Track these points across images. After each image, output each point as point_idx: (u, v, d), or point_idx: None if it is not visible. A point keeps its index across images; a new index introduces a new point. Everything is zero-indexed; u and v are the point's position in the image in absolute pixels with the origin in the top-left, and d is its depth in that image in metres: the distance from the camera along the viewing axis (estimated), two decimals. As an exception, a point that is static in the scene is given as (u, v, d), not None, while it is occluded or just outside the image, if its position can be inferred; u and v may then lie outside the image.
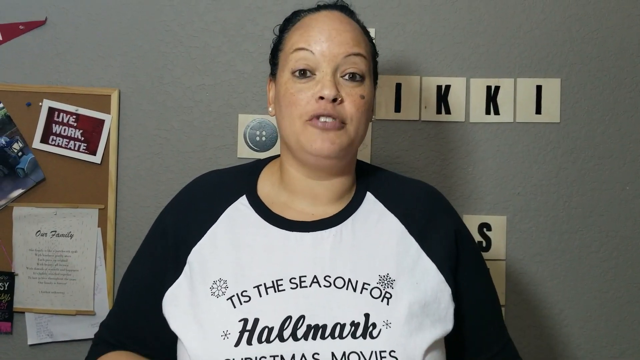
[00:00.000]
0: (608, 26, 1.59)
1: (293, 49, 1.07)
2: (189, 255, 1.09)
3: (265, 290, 1.03)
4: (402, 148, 1.61)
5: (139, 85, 1.60)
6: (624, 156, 1.60)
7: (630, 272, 1.61)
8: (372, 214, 1.11)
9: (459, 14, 1.60)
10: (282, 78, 1.09)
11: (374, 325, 1.00)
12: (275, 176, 1.15)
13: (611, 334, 1.61)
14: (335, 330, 0.99)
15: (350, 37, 1.07)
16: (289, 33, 1.12)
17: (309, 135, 1.05)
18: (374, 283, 1.04)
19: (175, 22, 1.60)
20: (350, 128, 1.06)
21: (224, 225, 1.10)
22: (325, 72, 1.05)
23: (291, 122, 1.06)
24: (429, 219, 1.12)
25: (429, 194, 1.18)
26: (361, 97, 1.07)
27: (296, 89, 1.06)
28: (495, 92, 1.60)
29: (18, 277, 1.60)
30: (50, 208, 1.60)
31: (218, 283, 1.05)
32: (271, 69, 1.16)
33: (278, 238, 1.07)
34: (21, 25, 1.59)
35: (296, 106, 1.05)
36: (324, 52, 1.05)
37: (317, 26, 1.07)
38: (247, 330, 1.00)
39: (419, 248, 1.09)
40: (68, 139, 1.59)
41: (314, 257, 1.05)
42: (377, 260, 1.06)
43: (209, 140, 1.61)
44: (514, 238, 1.61)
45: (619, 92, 1.60)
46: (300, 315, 1.00)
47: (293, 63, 1.07)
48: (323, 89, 1.04)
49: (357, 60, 1.07)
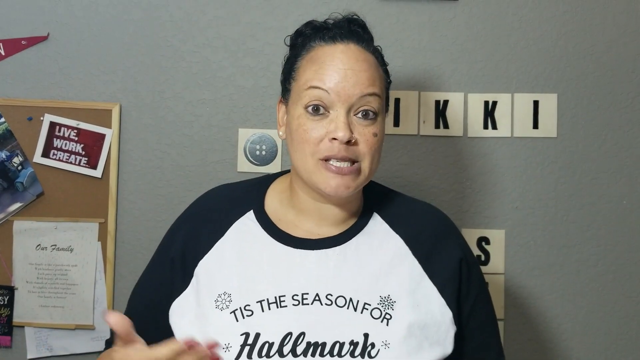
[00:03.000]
0: (604, 42, 1.61)
1: (308, 86, 1.06)
2: (196, 268, 1.10)
3: (268, 305, 1.04)
4: (401, 162, 1.62)
5: (140, 99, 1.62)
6: (620, 170, 1.61)
7: (628, 286, 1.61)
8: (377, 235, 1.12)
9: (456, 31, 1.61)
10: (295, 111, 1.08)
11: (373, 345, 1.01)
12: (284, 194, 1.15)
13: (610, 348, 1.61)
14: (335, 349, 1.00)
15: (366, 77, 1.06)
16: (303, 63, 1.10)
17: (323, 176, 1.05)
18: (374, 303, 1.05)
19: (176, 37, 1.62)
20: (364, 166, 1.07)
21: (231, 240, 1.11)
22: (339, 113, 1.04)
23: (303, 158, 1.06)
24: (435, 243, 1.13)
25: (437, 218, 1.19)
26: (374, 135, 1.07)
27: (309, 126, 1.05)
28: (493, 107, 1.61)
29: (18, 291, 1.60)
30: (50, 222, 1.60)
31: (223, 296, 1.06)
32: (283, 91, 1.15)
33: (283, 254, 1.08)
34: (23, 41, 1.61)
35: (309, 144, 1.05)
36: (339, 92, 1.04)
37: (333, 64, 1.05)
38: (247, 344, 1.01)
39: (422, 271, 1.10)
40: (69, 153, 1.60)
41: (317, 275, 1.06)
42: (379, 280, 1.07)
43: (209, 155, 1.62)
44: (512, 252, 1.61)
45: (615, 107, 1.61)
46: (300, 332, 1.01)
47: (307, 100, 1.06)
48: (337, 130, 1.03)
49: (371, 99, 1.06)
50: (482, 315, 1.16)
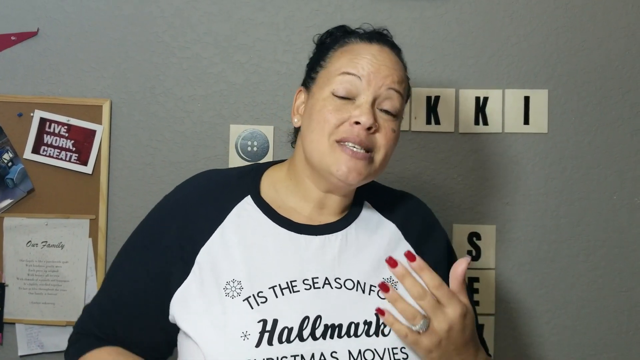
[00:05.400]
0: (594, 39, 1.62)
1: (340, 72, 1.08)
2: (197, 256, 1.08)
3: (281, 291, 1.04)
4: (393, 158, 1.59)
5: (131, 95, 1.61)
6: (610, 166, 1.62)
7: (618, 281, 1.62)
8: (371, 220, 1.16)
9: (448, 27, 1.62)
10: (321, 94, 1.09)
11: (385, 323, 1.04)
12: (282, 183, 1.16)
13: (599, 343, 1.62)
14: (351, 329, 1.03)
15: (397, 75, 1.10)
16: (336, 53, 1.12)
17: (336, 158, 1.06)
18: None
19: (167, 33, 1.61)
20: (377, 158, 1.09)
21: (232, 225, 1.10)
22: (366, 100, 1.07)
23: (319, 138, 1.07)
24: (423, 228, 1.19)
25: (419, 205, 1.25)
26: (392, 131, 1.09)
27: (334, 106, 1.07)
28: (484, 103, 1.61)
29: (8, 287, 1.60)
30: (41, 218, 1.59)
31: (232, 284, 1.05)
32: (305, 80, 1.17)
33: (288, 240, 1.09)
34: (13, 36, 1.60)
35: (329, 123, 1.06)
36: (370, 80, 1.07)
37: (369, 57, 1.09)
38: (267, 331, 1.01)
39: (415, 253, 1.11)
40: (59, 150, 1.59)
41: (324, 259, 1.08)
42: (380, 263, 1.09)
43: (201, 151, 1.61)
44: (503, 247, 1.62)
45: (606, 103, 1.62)
46: (317, 315, 1.03)
47: (337, 85, 1.08)
48: (361, 115, 1.05)
49: (396, 96, 1.09)
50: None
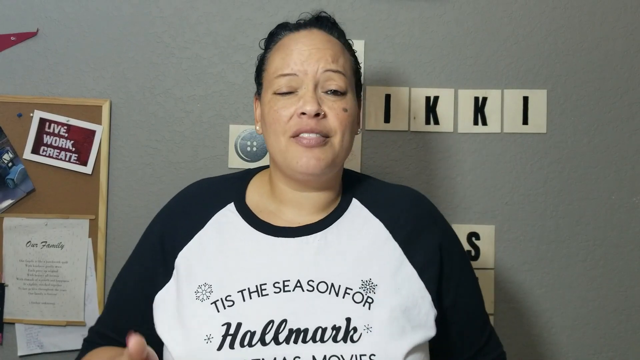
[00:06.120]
0: (593, 39, 1.62)
1: (277, 74, 1.10)
2: (176, 259, 1.11)
3: (249, 294, 1.04)
4: (392, 158, 1.62)
5: (130, 96, 1.61)
6: (609, 166, 1.63)
7: (617, 281, 1.63)
8: (357, 219, 1.13)
9: (447, 27, 1.62)
10: (266, 98, 1.11)
11: (355, 329, 1.01)
12: (265, 187, 1.17)
13: (598, 342, 1.63)
14: (317, 334, 1.01)
15: (329, 54, 1.09)
16: (271, 53, 1.14)
17: (293, 153, 1.07)
18: (356, 288, 1.05)
19: (166, 33, 1.61)
20: (335, 141, 1.08)
21: (211, 231, 1.12)
22: (307, 89, 1.07)
23: (276, 139, 1.09)
24: (414, 225, 1.14)
25: (415, 200, 1.19)
26: (344, 110, 1.09)
27: (279, 105, 1.08)
28: (483, 103, 1.62)
29: (8, 287, 1.60)
30: (41, 219, 1.60)
31: (203, 287, 1.06)
32: (257, 88, 1.18)
33: (264, 243, 1.09)
34: (13, 37, 1.60)
35: (279, 123, 1.07)
36: (305, 71, 1.08)
37: (297, 48, 1.10)
38: (229, 335, 1.01)
39: (402, 254, 1.10)
40: (59, 150, 1.59)
41: (299, 261, 1.07)
42: (360, 265, 1.07)
43: (200, 151, 1.62)
44: (502, 247, 1.62)
45: (604, 103, 1.62)
46: (282, 320, 1.02)
47: (277, 87, 1.09)
48: (305, 104, 1.06)
49: (336, 76, 1.09)
50: (467, 297, 1.17)
